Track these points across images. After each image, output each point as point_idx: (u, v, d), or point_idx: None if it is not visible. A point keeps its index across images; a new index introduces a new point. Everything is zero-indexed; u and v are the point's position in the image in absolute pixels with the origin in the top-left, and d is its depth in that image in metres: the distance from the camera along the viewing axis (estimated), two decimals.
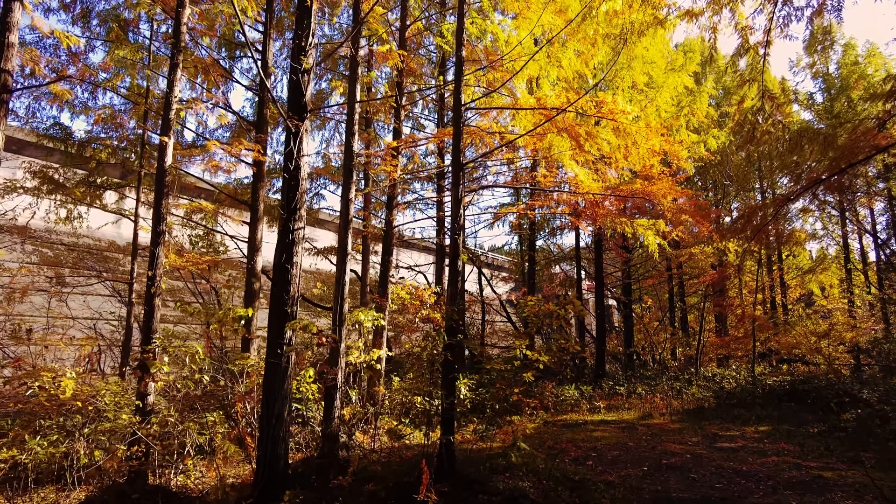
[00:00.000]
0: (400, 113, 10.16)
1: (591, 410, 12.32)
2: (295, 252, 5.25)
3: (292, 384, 5.26)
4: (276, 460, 4.92)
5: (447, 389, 5.96)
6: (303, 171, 5.44)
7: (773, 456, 7.99)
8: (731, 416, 11.66)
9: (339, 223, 7.55)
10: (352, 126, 7.63)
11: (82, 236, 12.40)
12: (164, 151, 6.57)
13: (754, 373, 17.00)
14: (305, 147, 5.54)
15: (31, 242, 12.28)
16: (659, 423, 11.14)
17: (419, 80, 12.57)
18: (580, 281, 19.52)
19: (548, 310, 6.14)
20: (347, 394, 8.66)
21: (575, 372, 17.03)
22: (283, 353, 5.07)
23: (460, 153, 6.52)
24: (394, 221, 10.08)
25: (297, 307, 5.25)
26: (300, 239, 5.33)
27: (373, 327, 9.43)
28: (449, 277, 6.29)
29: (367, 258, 11.49)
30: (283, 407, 5.02)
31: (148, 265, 6.31)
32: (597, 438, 9.49)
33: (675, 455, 8.13)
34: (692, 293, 25.96)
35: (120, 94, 9.96)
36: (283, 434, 4.99)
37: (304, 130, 5.48)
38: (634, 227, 10.06)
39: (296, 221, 5.28)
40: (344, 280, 7.30)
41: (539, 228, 20.43)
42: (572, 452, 8.11)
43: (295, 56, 5.58)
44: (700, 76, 22.10)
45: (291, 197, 5.29)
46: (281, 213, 5.25)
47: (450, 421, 5.92)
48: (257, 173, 10.05)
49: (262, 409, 5.06)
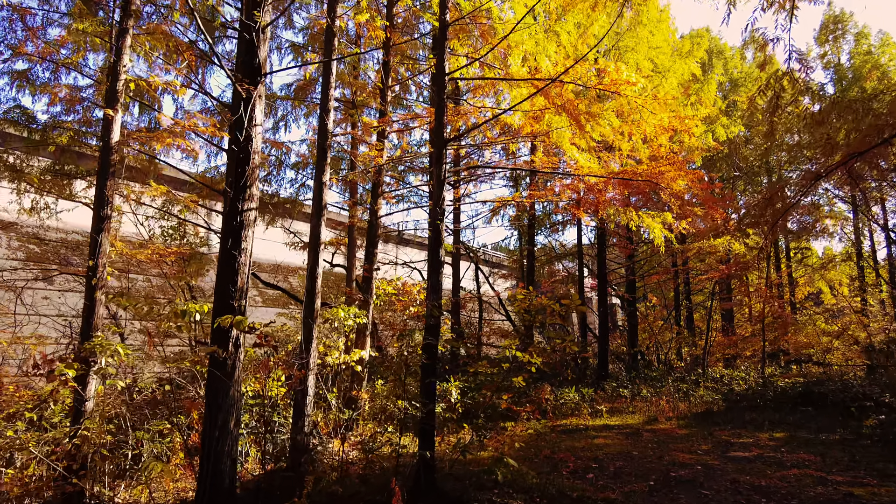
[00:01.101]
0: (386, 94, 9.40)
1: (593, 414, 11.55)
2: (244, 237, 4.50)
3: (241, 390, 4.53)
4: (219, 478, 4.19)
5: (426, 396, 5.21)
6: (255, 142, 4.69)
7: (794, 468, 7.20)
8: (742, 421, 10.88)
9: (312, 208, 6.81)
10: (326, 101, 6.88)
11: (51, 228, 11.68)
12: (109, 126, 5.83)
13: (764, 374, 16.21)
14: (260, 116, 4.79)
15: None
16: (665, 429, 10.37)
17: (410, 64, 11.80)
18: (582, 278, 18.74)
19: (540, 304, 5.39)
20: (326, 398, 7.93)
21: (577, 373, 16.25)
22: (229, 354, 4.33)
23: (443, 127, 5.77)
24: (379, 211, 9.32)
25: (245, 301, 4.51)
26: (251, 222, 4.59)
27: (355, 325, 8.69)
28: (429, 268, 5.54)
29: (354, 251, 10.75)
30: (227, 417, 4.28)
31: (89, 253, 5.58)
32: (598, 446, 8.72)
33: (684, 466, 7.36)
34: (698, 291, 25.15)
35: (84, 74, 9.23)
36: (227, 448, 4.26)
37: (257, 96, 4.73)
38: (639, 218, 9.30)
39: (245, 201, 4.53)
40: (316, 272, 6.56)
41: (540, 224, 19.69)
42: (571, 463, 7.34)
43: (247, 11, 4.84)
44: (707, 66, 21.35)
45: (240, 173, 4.55)
46: (227, 190, 4.52)
47: (428, 433, 5.17)
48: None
49: (204, 420, 4.33)
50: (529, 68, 8.53)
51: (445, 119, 5.81)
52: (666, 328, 21.47)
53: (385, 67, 9.57)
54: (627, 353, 18.51)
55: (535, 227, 18.16)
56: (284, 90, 13.31)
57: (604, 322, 16.32)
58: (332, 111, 6.93)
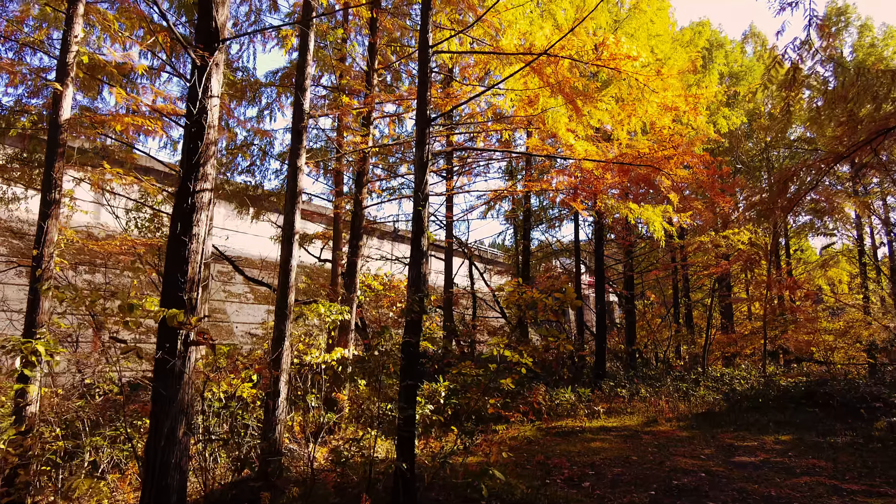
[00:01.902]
0: (372, 77, 8.87)
1: (590, 416, 11.06)
2: (196, 221, 3.98)
3: (192, 393, 4.01)
4: (165, 494, 3.67)
5: (404, 400, 4.70)
6: (211, 115, 4.17)
7: (805, 475, 6.72)
8: (745, 423, 10.41)
9: (286, 195, 6.29)
10: (303, 79, 6.36)
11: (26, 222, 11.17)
12: (58, 102, 5.30)
13: (766, 373, 15.75)
14: (217, 87, 4.27)
15: None
16: (665, 431, 9.89)
17: (399, 48, 11.25)
18: (579, 274, 18.25)
19: (531, 297, 4.89)
20: (304, 399, 7.42)
21: (573, 372, 15.76)
22: (178, 352, 3.82)
23: (426, 105, 5.25)
24: (364, 201, 8.80)
25: (198, 293, 3.99)
26: (205, 205, 4.07)
27: (338, 322, 8.18)
28: (411, 258, 5.03)
29: (339, 244, 10.22)
30: (175, 424, 3.77)
31: (35, 242, 5.05)
32: (595, 451, 8.23)
33: (687, 473, 6.87)
34: (697, 288, 24.70)
35: (50, 55, 8.67)
36: (175, 460, 3.75)
37: (214, 64, 4.21)
38: (640, 209, 8.80)
39: (198, 181, 4.01)
40: (290, 265, 6.04)
41: (536, 219, 19.20)
42: (566, 470, 6.85)
43: None
44: (707, 59, 20.87)
45: (193, 149, 4.02)
46: (179, 169, 4.02)
47: (407, 441, 4.66)
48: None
49: (149, 428, 3.82)
50: (524, 48, 8.03)
51: (429, 96, 5.30)
52: (664, 326, 21.02)
53: (371, 49, 9.05)
54: (625, 352, 18.04)
55: (531, 222, 17.65)
56: (269, 77, 12.76)
57: (601, 319, 15.84)
58: (308, 89, 6.41)
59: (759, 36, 26.14)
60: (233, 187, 12.71)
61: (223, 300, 17.72)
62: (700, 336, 20.03)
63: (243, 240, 17.08)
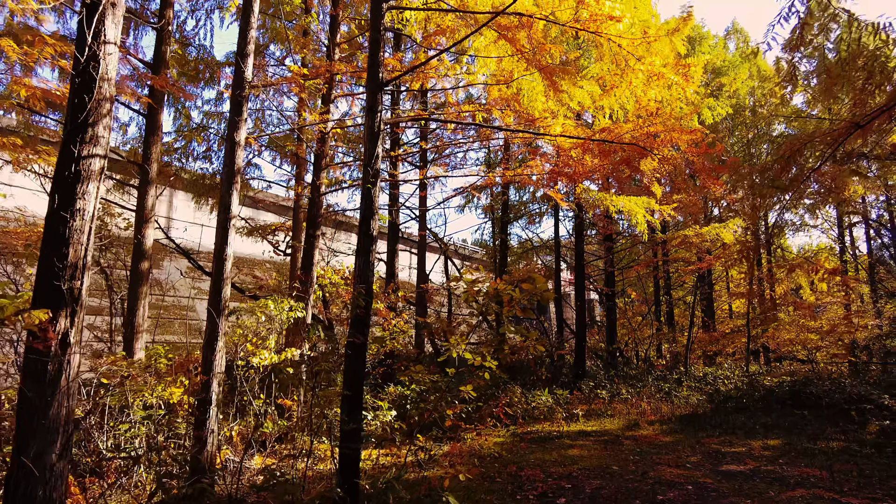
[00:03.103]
0: (333, 52, 8.10)
1: (568, 419, 10.42)
2: (80, 193, 3.20)
3: (72, 406, 3.24)
4: None
5: (348, 412, 3.96)
6: (104, 65, 3.39)
7: (799, 487, 6.14)
8: (731, 426, 9.87)
9: (223, 174, 5.51)
10: (245, 43, 5.58)
11: None
12: None
13: (749, 372, 15.32)
14: (113, 32, 3.49)
15: None
16: (648, 436, 9.30)
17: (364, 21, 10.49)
18: (559, 271, 17.67)
19: (493, 290, 4.20)
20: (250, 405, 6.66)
21: (552, 371, 15.15)
22: (52, 357, 3.06)
23: (378, 67, 4.52)
24: (322, 186, 8.02)
25: (82, 282, 3.23)
26: (94, 174, 3.29)
27: (291, 320, 7.41)
28: (358, 244, 4.29)
29: (299, 235, 9.44)
30: (45, 445, 3.00)
31: None
32: (573, 459, 7.58)
33: (672, 486, 6.25)
34: (679, 286, 24.32)
35: None
36: (44, 491, 2.98)
37: (109, 4, 3.43)
38: (621, 199, 8.19)
39: (85, 144, 3.23)
40: (225, 253, 5.27)
41: (516, 214, 18.60)
42: (539, 484, 6.18)
43: None
44: (690, 53, 20.47)
45: (79, 105, 3.25)
46: (63, 131, 3.26)
47: (350, 458, 3.92)
48: (150, 124, 7.96)
49: (10, 452, 3.06)
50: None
51: (382, 56, 4.59)
52: (645, 324, 20.58)
53: (333, 22, 8.29)
54: (606, 350, 17.50)
55: (510, 215, 17.01)
56: (230, 57, 11.91)
57: (581, 317, 15.25)
58: (251, 55, 5.64)
59: (742, 32, 25.90)
60: (189, 175, 11.85)
61: (192, 297, 16.85)
62: (682, 334, 19.62)
63: (203, 232, 16.18)
